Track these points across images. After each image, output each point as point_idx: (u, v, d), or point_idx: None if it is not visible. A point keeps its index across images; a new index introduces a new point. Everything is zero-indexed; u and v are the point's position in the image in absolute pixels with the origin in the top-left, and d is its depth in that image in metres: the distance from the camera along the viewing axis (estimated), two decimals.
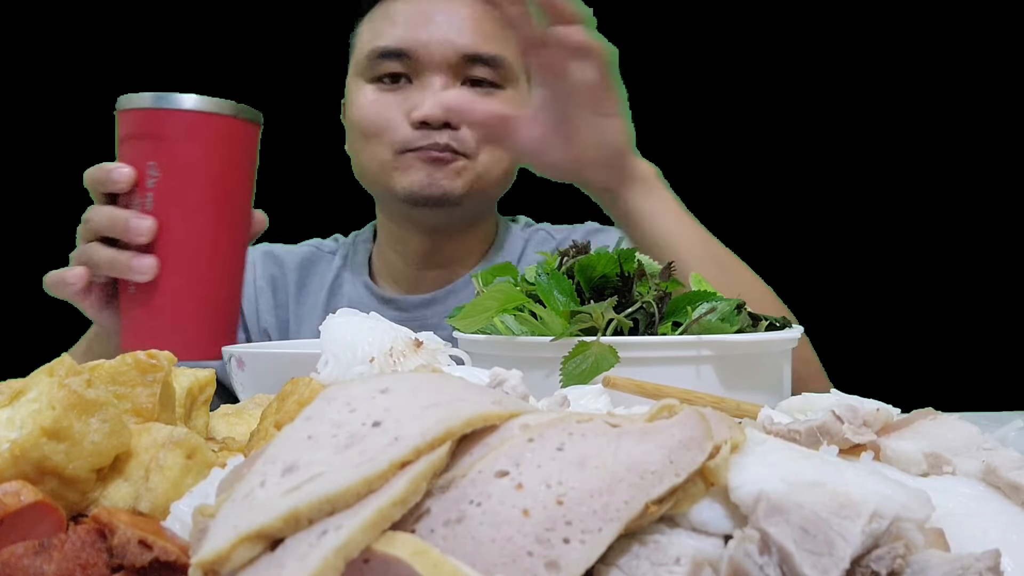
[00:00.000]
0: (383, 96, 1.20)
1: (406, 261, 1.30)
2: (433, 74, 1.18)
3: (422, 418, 0.33)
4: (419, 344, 0.53)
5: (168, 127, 0.83)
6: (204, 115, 0.84)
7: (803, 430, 0.42)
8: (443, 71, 1.18)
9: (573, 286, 0.70)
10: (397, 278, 1.32)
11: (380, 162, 1.20)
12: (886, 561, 0.30)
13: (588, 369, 0.60)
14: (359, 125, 1.21)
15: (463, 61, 1.18)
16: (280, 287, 1.35)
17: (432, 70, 1.18)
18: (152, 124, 0.83)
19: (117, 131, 0.86)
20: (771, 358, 0.69)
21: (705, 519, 0.32)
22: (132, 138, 0.84)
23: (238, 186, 0.88)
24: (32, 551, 0.34)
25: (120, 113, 0.85)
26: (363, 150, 1.22)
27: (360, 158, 1.23)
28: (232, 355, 0.75)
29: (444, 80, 1.18)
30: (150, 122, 0.83)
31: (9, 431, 0.38)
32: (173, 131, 0.83)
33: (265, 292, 1.34)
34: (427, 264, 1.30)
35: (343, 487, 0.30)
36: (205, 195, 0.85)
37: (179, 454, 0.40)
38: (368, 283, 1.32)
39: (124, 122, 0.85)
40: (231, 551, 0.29)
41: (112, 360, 0.46)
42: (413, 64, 1.18)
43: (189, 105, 0.83)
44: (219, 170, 0.85)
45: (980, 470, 0.41)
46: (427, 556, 0.28)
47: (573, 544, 0.29)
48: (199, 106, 0.84)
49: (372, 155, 1.21)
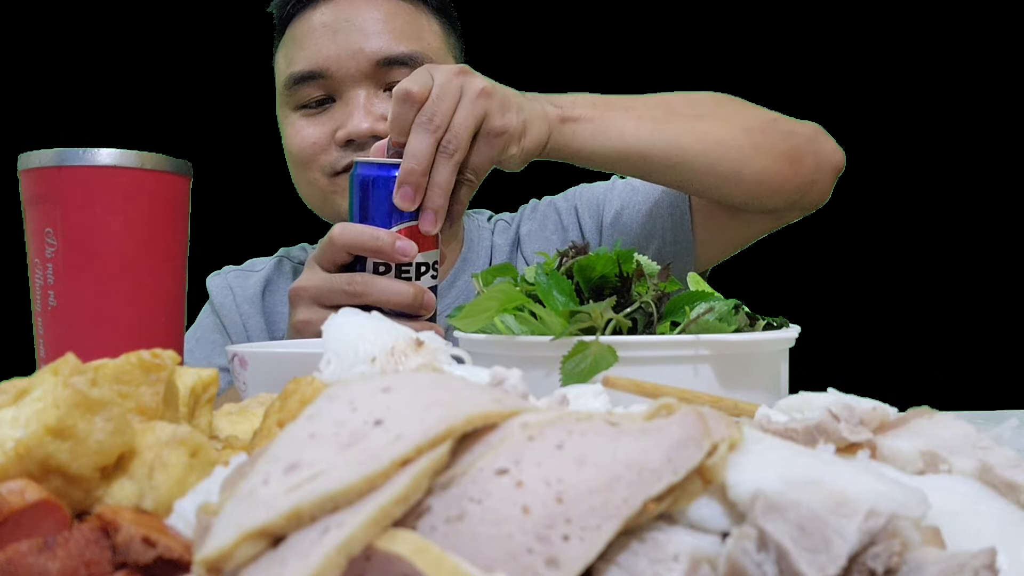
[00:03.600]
0: (310, 122, 1.16)
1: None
2: (353, 88, 1.14)
3: (423, 417, 0.34)
4: (420, 344, 0.53)
5: (63, 187, 0.72)
6: (102, 170, 0.72)
7: (800, 429, 0.42)
8: (362, 82, 1.13)
9: (572, 286, 0.70)
10: None
11: (318, 189, 1.17)
12: (883, 559, 0.30)
13: (587, 368, 0.60)
14: (291, 155, 1.19)
15: (378, 67, 1.13)
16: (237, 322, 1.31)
17: (350, 84, 1.14)
18: (47, 185, 0.73)
19: (21, 195, 0.75)
20: (768, 357, 0.69)
21: (703, 517, 0.32)
22: (31, 203, 0.74)
23: (156, 247, 0.76)
24: (36, 549, 0.34)
25: (21, 174, 0.75)
26: (300, 179, 1.20)
27: (299, 188, 1.21)
28: (235, 354, 0.76)
29: (367, 91, 1.13)
30: (45, 182, 0.73)
31: (14, 430, 0.38)
32: (67, 191, 0.72)
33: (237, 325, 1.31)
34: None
35: (345, 485, 0.30)
36: (110, 260, 0.73)
37: (183, 452, 0.40)
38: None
39: (24, 184, 0.75)
40: (234, 548, 0.29)
41: (116, 359, 0.46)
42: (330, 83, 1.14)
43: (87, 161, 0.72)
44: (124, 231, 0.73)
45: (976, 468, 0.41)
46: (428, 553, 0.28)
47: (573, 541, 0.30)
48: (98, 161, 0.72)
49: (309, 183, 1.18)
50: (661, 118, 0.98)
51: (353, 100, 1.13)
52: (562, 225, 1.28)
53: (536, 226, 1.29)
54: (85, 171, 0.72)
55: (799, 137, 1.07)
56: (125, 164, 0.73)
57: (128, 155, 0.73)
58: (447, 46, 1.22)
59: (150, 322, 0.76)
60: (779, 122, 1.07)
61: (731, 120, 1.03)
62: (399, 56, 1.13)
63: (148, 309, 0.76)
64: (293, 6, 1.18)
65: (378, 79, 1.14)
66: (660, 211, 1.20)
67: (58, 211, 0.72)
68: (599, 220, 1.25)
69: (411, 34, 1.16)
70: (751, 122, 1.04)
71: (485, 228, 1.35)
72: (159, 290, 0.76)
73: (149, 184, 0.75)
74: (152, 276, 0.76)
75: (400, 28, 1.15)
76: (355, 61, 1.13)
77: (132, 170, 0.74)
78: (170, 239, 0.77)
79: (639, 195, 1.23)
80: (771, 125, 1.05)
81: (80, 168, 0.72)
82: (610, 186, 1.29)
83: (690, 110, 1.01)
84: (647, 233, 1.21)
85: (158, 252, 0.76)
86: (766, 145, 1.02)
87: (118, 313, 0.74)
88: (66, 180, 0.72)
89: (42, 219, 0.73)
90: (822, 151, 1.10)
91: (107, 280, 0.73)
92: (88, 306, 0.73)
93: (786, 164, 1.04)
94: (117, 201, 0.73)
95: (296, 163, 1.19)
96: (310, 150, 1.16)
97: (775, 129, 1.05)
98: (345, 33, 1.14)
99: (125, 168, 0.73)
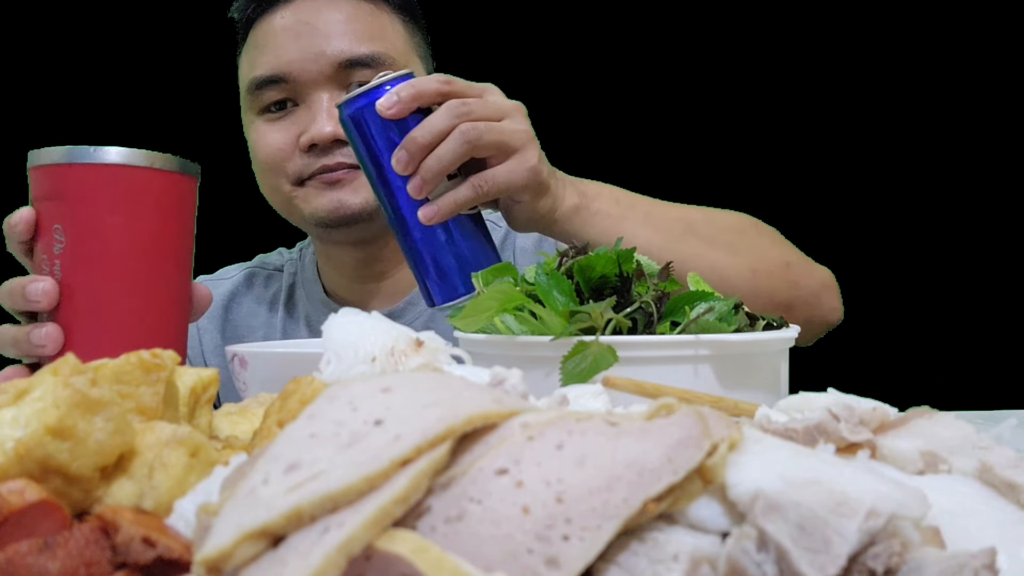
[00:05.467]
0: (272, 127, 1.15)
1: (347, 276, 1.26)
2: (315, 91, 1.12)
3: (423, 417, 0.34)
4: (420, 344, 0.53)
5: (72, 184, 0.73)
6: (112, 168, 0.73)
7: (800, 429, 0.42)
8: (324, 85, 1.11)
9: (572, 286, 0.70)
10: (346, 294, 1.28)
11: (283, 195, 1.16)
12: (882, 559, 0.30)
13: (587, 368, 0.60)
14: (256, 161, 1.18)
15: (340, 69, 1.11)
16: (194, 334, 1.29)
17: (313, 87, 1.12)
18: (57, 181, 0.74)
19: (29, 193, 0.77)
20: (768, 357, 0.69)
21: (703, 517, 0.32)
22: (40, 199, 0.75)
23: (160, 247, 0.76)
24: (36, 549, 0.34)
25: (30, 171, 0.76)
26: (265, 185, 1.19)
27: (265, 193, 1.20)
28: (235, 354, 0.76)
29: (329, 94, 1.11)
30: (55, 179, 0.74)
31: (14, 430, 0.38)
32: (78, 188, 0.73)
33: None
34: (367, 276, 1.25)
35: (345, 485, 0.30)
36: (116, 259, 0.74)
37: (183, 452, 0.40)
38: (325, 299, 1.28)
39: (33, 181, 0.76)
40: (234, 548, 0.29)
41: (116, 359, 0.46)
42: (293, 87, 1.12)
43: (97, 159, 0.73)
44: (133, 228, 0.74)
45: (976, 468, 0.41)
46: (428, 553, 0.28)
47: (572, 541, 0.30)
48: (108, 159, 0.73)
49: (274, 189, 1.17)
50: (677, 236, 0.96)
51: (316, 103, 1.12)
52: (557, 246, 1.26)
53: (531, 243, 1.27)
54: (95, 169, 0.73)
55: (803, 290, 1.06)
56: (135, 163, 0.74)
57: (138, 154, 0.74)
58: (411, 46, 1.20)
59: (155, 320, 0.76)
60: (791, 269, 1.05)
61: (744, 257, 1.01)
62: (361, 57, 1.12)
63: (153, 307, 0.76)
64: (254, 10, 1.17)
65: (340, 81, 1.12)
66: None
67: (67, 208, 0.73)
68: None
69: (373, 35, 1.14)
70: (762, 264, 1.02)
71: None
72: (164, 288, 0.77)
73: (158, 183, 0.75)
74: (158, 274, 0.76)
75: (361, 29, 1.14)
76: (317, 64, 1.11)
77: (142, 169, 0.74)
78: (177, 239, 0.78)
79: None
80: (780, 271, 1.04)
81: (90, 166, 0.73)
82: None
83: (709, 233, 1.00)
84: None
85: (164, 251, 0.76)
86: (767, 292, 1.01)
87: (124, 310, 0.74)
88: (76, 177, 0.73)
89: (51, 215, 0.74)
90: (820, 308, 1.08)
91: (114, 277, 0.74)
92: (94, 302, 0.74)
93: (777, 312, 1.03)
94: (126, 199, 0.74)
95: (261, 169, 1.18)
96: (276, 156, 1.14)
97: (783, 276, 1.04)
98: (306, 36, 1.12)
99: (135, 167, 0.74)
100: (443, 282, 0.87)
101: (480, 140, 0.82)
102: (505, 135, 0.84)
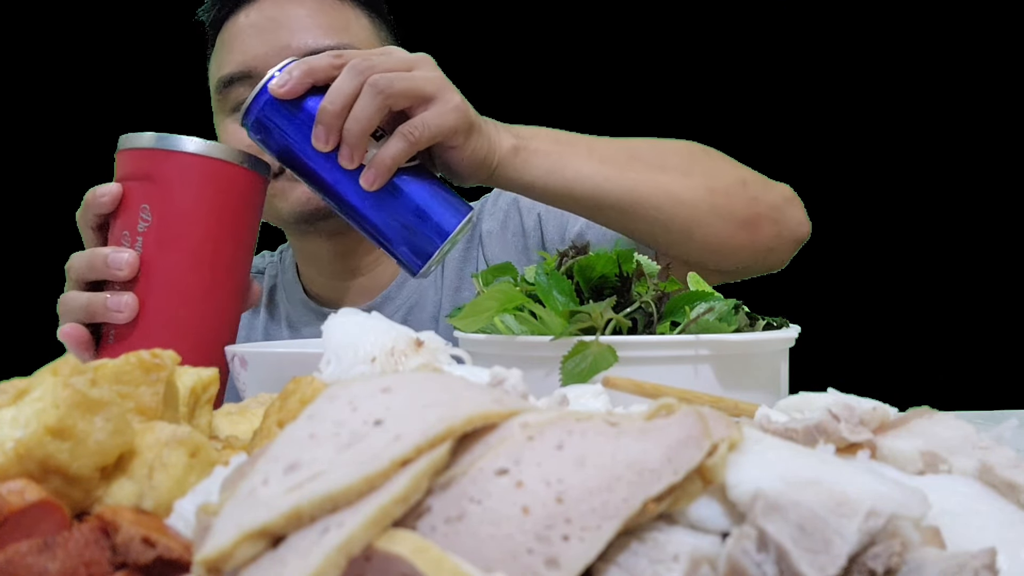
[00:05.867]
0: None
1: (324, 273, 1.26)
2: None
3: (423, 417, 0.34)
4: (420, 344, 0.53)
5: (165, 168, 0.78)
6: (203, 159, 0.79)
7: (800, 429, 0.42)
8: None
9: (572, 286, 0.70)
10: (324, 291, 1.27)
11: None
12: (883, 559, 0.30)
13: (587, 368, 0.60)
14: None
15: None
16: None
17: None
18: (149, 164, 0.78)
19: (116, 172, 0.81)
20: (768, 357, 0.69)
21: (703, 517, 0.32)
22: (128, 179, 0.79)
23: (235, 238, 0.82)
24: (36, 549, 0.34)
25: (119, 154, 0.81)
26: None
27: None
28: (235, 354, 0.76)
29: None
30: (147, 162, 0.79)
31: (13, 430, 0.38)
32: (170, 173, 0.78)
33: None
34: (344, 272, 1.24)
35: (345, 485, 0.30)
36: (197, 243, 0.79)
37: (182, 452, 0.40)
38: (305, 300, 1.27)
39: (122, 162, 0.80)
40: (234, 548, 0.29)
41: (116, 359, 0.46)
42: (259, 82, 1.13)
43: (190, 148, 0.78)
44: (215, 218, 0.80)
45: (976, 468, 0.41)
46: (428, 553, 0.28)
47: (572, 541, 0.30)
48: (200, 150, 0.79)
49: None
50: (623, 163, 0.93)
51: None
52: (523, 232, 1.23)
53: (497, 226, 1.25)
54: (190, 158, 0.79)
55: (764, 205, 1.02)
56: (225, 158, 0.80)
57: (228, 150, 0.80)
58: (378, 40, 1.19)
59: (217, 306, 0.82)
60: (748, 186, 1.02)
61: (696, 177, 0.98)
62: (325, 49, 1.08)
63: (219, 293, 0.82)
64: (219, 11, 1.17)
65: None
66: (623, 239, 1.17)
67: (158, 189, 0.78)
68: (562, 233, 1.20)
69: (337, 28, 1.14)
70: (717, 182, 0.99)
71: None
72: (231, 278, 0.83)
73: (241, 179, 0.81)
74: (229, 263, 0.82)
75: (326, 23, 1.13)
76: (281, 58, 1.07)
77: (230, 164, 0.80)
78: (248, 233, 0.84)
79: None
80: (737, 188, 1.01)
81: (186, 155, 0.79)
82: None
83: (656, 159, 0.97)
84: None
85: (237, 243, 0.82)
86: (726, 210, 0.98)
87: (194, 292, 0.80)
88: (173, 163, 0.78)
89: (139, 195, 0.79)
90: (786, 221, 1.05)
91: (191, 260, 0.79)
92: (169, 280, 0.79)
93: (743, 231, 0.99)
94: (214, 189, 0.80)
95: None
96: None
97: (741, 193, 1.00)
98: (271, 31, 1.12)
99: (225, 161, 0.80)
100: (415, 241, 0.81)
101: (392, 88, 0.78)
102: (418, 82, 0.80)
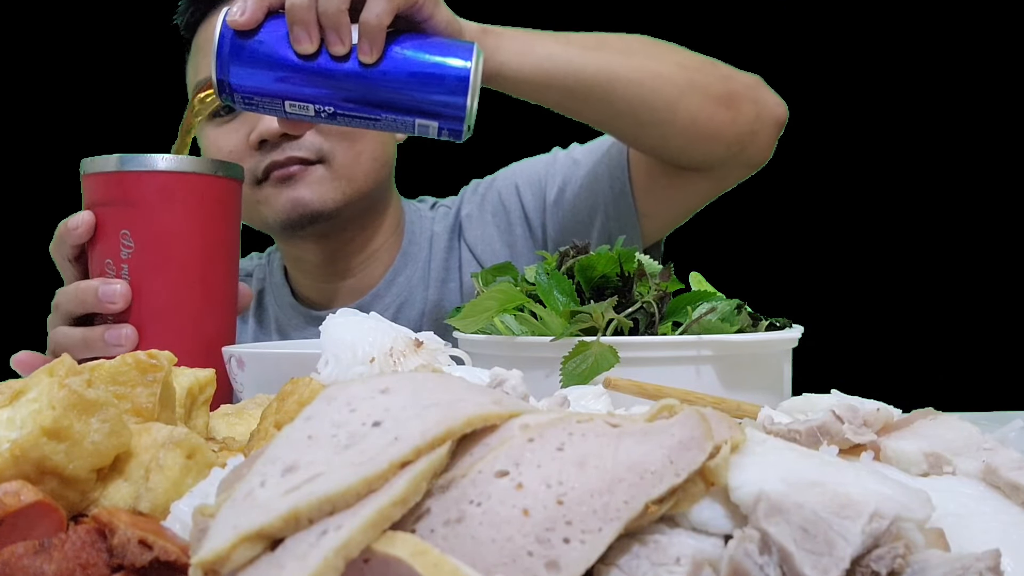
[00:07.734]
0: (222, 131, 1.13)
1: (312, 276, 1.25)
2: None
3: (422, 418, 0.33)
4: (419, 344, 0.53)
5: (139, 190, 0.76)
6: (177, 175, 0.76)
7: (803, 430, 0.42)
8: None
9: (573, 286, 0.70)
10: (313, 294, 1.27)
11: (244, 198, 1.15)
12: (886, 561, 0.30)
13: (588, 369, 0.60)
14: None
15: None
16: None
17: None
18: (121, 188, 0.76)
19: (84, 197, 0.79)
20: (771, 358, 0.69)
21: (705, 519, 0.32)
22: (100, 204, 0.77)
23: (221, 249, 0.81)
24: (32, 551, 0.34)
25: (85, 178, 0.78)
26: None
27: None
28: (232, 355, 0.75)
29: None
30: (119, 186, 0.76)
31: (9, 431, 0.38)
32: (145, 195, 0.76)
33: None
34: (332, 275, 1.24)
35: (343, 487, 0.30)
36: (185, 261, 0.78)
37: (179, 454, 0.40)
38: (294, 303, 1.27)
39: (90, 187, 0.78)
40: (231, 551, 0.29)
41: (112, 360, 0.46)
42: None
43: (162, 166, 0.76)
44: (198, 233, 0.78)
45: (980, 470, 0.41)
46: (427, 556, 0.28)
47: (573, 544, 0.29)
48: (172, 166, 0.76)
49: None
50: (593, 48, 0.94)
51: None
52: (504, 207, 1.24)
53: (475, 209, 1.26)
54: (164, 176, 0.76)
55: (737, 83, 1.03)
56: (198, 170, 0.77)
57: (199, 161, 0.78)
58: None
59: (213, 319, 0.80)
60: (718, 66, 1.03)
61: (666, 57, 0.99)
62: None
63: (212, 306, 0.80)
64: (192, 14, 1.16)
65: None
66: (600, 185, 1.16)
67: (137, 213, 0.76)
68: (542, 198, 1.21)
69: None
70: (688, 60, 1.00)
71: (427, 217, 1.30)
72: (222, 288, 0.81)
73: (216, 189, 0.80)
74: (217, 275, 0.81)
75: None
76: None
77: (203, 176, 0.78)
78: (231, 241, 0.83)
79: (581, 169, 1.19)
80: (708, 66, 1.02)
81: (159, 173, 0.76)
82: (551, 159, 1.24)
83: (623, 46, 0.97)
84: (590, 208, 1.17)
85: (221, 253, 0.81)
86: (702, 84, 0.99)
87: (188, 311, 0.78)
88: (146, 183, 0.76)
89: (117, 221, 0.76)
90: (763, 101, 1.05)
91: (181, 280, 0.78)
92: (162, 304, 0.77)
93: (723, 107, 1.00)
94: (192, 204, 0.78)
95: None
96: (229, 159, 1.10)
97: (713, 71, 1.02)
98: None
99: (199, 174, 0.78)
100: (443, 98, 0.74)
101: None
102: None
